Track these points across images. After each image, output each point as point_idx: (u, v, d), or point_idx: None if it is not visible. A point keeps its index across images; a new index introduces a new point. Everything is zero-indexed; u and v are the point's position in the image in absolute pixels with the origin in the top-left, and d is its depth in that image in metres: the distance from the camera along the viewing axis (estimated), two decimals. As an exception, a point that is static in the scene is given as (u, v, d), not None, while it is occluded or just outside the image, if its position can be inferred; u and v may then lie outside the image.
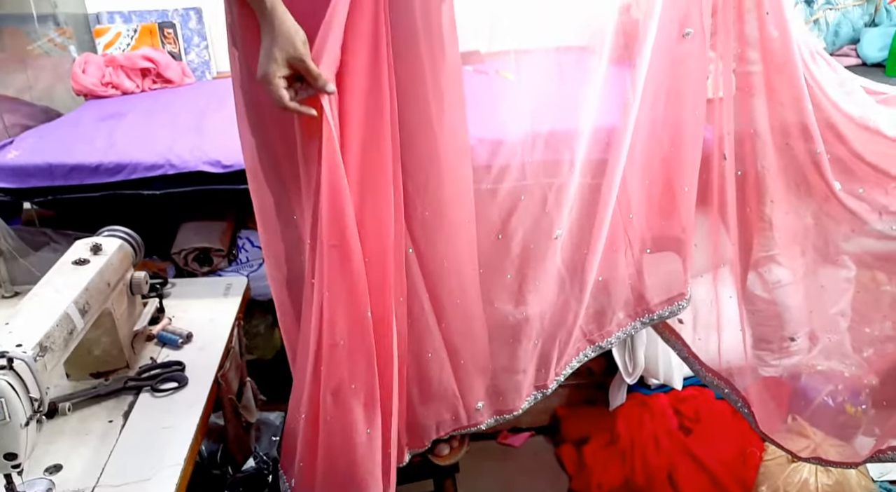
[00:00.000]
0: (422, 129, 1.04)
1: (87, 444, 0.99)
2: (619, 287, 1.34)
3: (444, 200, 1.10)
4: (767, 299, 1.37)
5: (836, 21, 1.96)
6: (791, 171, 1.27)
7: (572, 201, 1.22)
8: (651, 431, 1.86)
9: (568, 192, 1.21)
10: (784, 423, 1.51)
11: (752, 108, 1.23)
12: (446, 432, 1.29)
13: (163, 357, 1.19)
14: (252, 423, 1.35)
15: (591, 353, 1.38)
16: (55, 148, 1.56)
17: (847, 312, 1.42)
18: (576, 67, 1.19)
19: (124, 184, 1.50)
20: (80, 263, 1.08)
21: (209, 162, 1.48)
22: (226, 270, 1.67)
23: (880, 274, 1.38)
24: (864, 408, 1.47)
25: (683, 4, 1.14)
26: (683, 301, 1.35)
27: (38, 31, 2.00)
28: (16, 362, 0.83)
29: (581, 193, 1.22)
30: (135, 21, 2.23)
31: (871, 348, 1.44)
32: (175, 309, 1.31)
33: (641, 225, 1.30)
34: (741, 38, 1.19)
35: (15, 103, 1.84)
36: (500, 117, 1.22)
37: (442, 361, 1.21)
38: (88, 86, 2.01)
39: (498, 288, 1.24)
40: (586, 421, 2.00)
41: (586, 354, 1.38)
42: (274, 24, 0.88)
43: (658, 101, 1.21)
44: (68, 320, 0.95)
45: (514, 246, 1.22)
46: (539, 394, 1.33)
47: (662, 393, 1.95)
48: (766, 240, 1.32)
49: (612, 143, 1.20)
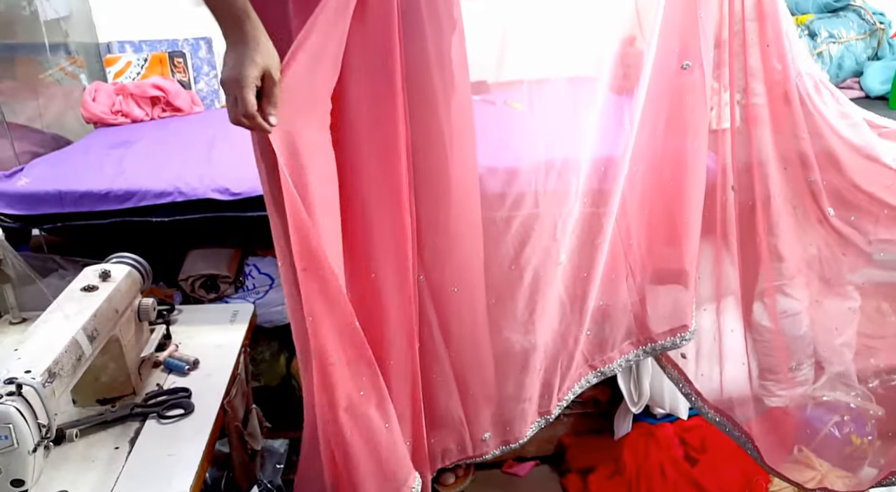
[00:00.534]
0: (433, 157, 1.06)
1: (93, 470, 0.98)
2: (620, 313, 1.34)
3: (455, 229, 1.11)
4: (773, 329, 1.37)
5: (840, 54, 1.99)
6: (792, 199, 1.28)
7: (575, 228, 1.23)
8: (657, 460, 1.85)
9: (572, 219, 1.22)
10: (790, 454, 1.50)
11: (757, 139, 1.25)
12: (451, 462, 1.29)
13: (169, 384, 1.19)
14: (257, 450, 1.35)
15: (592, 379, 1.38)
16: (65, 175, 1.58)
17: (852, 342, 1.42)
18: (583, 97, 1.21)
19: (133, 211, 1.51)
20: (89, 289, 1.09)
21: (218, 189, 1.49)
22: (232, 297, 1.67)
23: (885, 304, 1.39)
24: (871, 439, 1.47)
25: (682, 37, 1.17)
26: (687, 333, 1.35)
27: (50, 60, 2.03)
28: (25, 389, 0.83)
29: (582, 220, 1.24)
30: (145, 50, 2.26)
31: (876, 379, 1.44)
32: (182, 335, 1.31)
33: (642, 252, 1.31)
34: (746, 70, 1.22)
35: (26, 131, 1.86)
36: (511, 147, 1.24)
37: (450, 389, 1.21)
38: (98, 114, 2.03)
39: (508, 317, 1.25)
40: (592, 450, 1.98)
41: (588, 380, 1.38)
42: (254, 33, 0.85)
43: (657, 130, 1.23)
44: (77, 347, 0.96)
45: (527, 276, 1.23)
46: (542, 420, 1.33)
47: (668, 423, 1.94)
48: (773, 270, 1.32)
49: (613, 170, 1.21)
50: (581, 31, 1.21)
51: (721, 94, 1.25)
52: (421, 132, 1.03)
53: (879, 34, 2.02)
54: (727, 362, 1.41)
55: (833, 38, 1.99)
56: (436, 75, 1.01)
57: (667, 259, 1.31)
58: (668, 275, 1.32)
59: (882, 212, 1.25)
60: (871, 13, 2.03)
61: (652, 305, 1.35)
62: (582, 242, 1.25)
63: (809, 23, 2.03)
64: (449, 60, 1.03)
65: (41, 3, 1.94)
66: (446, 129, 1.05)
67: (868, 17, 2.03)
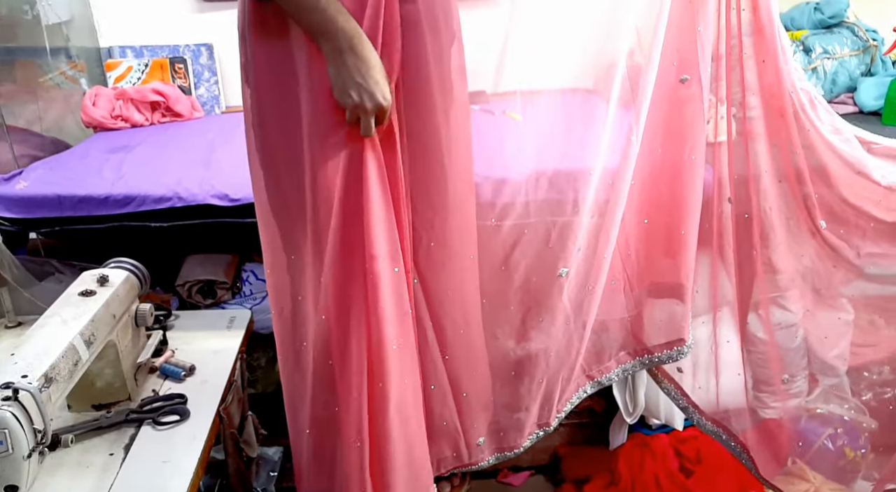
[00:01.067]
0: (430, 164, 1.07)
1: (87, 477, 0.98)
2: (618, 324, 1.35)
3: (450, 233, 1.12)
4: (768, 341, 1.37)
5: (834, 70, 2.01)
6: (786, 211, 1.29)
7: (580, 241, 1.23)
8: (652, 471, 1.85)
9: (574, 231, 1.22)
10: (783, 466, 1.51)
11: (753, 152, 1.26)
12: (447, 470, 1.29)
13: (165, 390, 1.19)
14: (253, 457, 1.35)
15: (589, 389, 1.39)
16: (64, 179, 1.58)
17: (846, 355, 1.43)
18: (580, 109, 1.22)
19: (132, 216, 1.52)
20: (87, 294, 1.09)
21: (217, 195, 1.50)
22: (229, 303, 1.68)
23: (878, 317, 1.39)
24: (864, 452, 1.47)
25: (681, 51, 1.18)
26: (684, 347, 1.35)
27: (51, 64, 2.04)
28: (21, 394, 0.83)
29: (588, 233, 1.24)
30: (146, 56, 2.27)
31: (869, 392, 1.44)
32: (178, 341, 1.31)
33: (640, 262, 1.32)
34: (742, 84, 1.23)
35: (25, 134, 1.86)
36: (506, 156, 1.25)
37: (444, 394, 1.21)
38: (98, 118, 2.04)
39: (500, 320, 1.25)
40: (587, 461, 1.98)
41: (585, 390, 1.38)
42: (372, 49, 0.91)
43: (655, 143, 1.24)
44: (74, 352, 0.96)
45: (517, 278, 1.24)
46: (541, 432, 1.33)
47: (663, 433, 1.94)
48: (768, 282, 1.33)
49: (615, 183, 1.22)
50: (579, 44, 1.23)
51: (717, 107, 1.27)
52: (419, 141, 1.04)
53: (872, 51, 2.04)
54: (723, 373, 1.41)
55: (827, 53, 2.01)
56: (435, 86, 1.02)
57: (664, 272, 1.31)
58: (666, 288, 1.33)
59: (869, 225, 1.27)
60: (864, 30, 2.06)
61: (649, 318, 1.36)
62: (587, 256, 1.25)
63: (804, 38, 2.06)
64: (448, 72, 1.04)
65: (43, 8, 1.94)
66: (444, 138, 1.06)
67: (861, 34, 2.05)
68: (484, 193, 1.20)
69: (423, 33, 0.98)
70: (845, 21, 2.07)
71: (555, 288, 1.24)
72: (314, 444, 1.14)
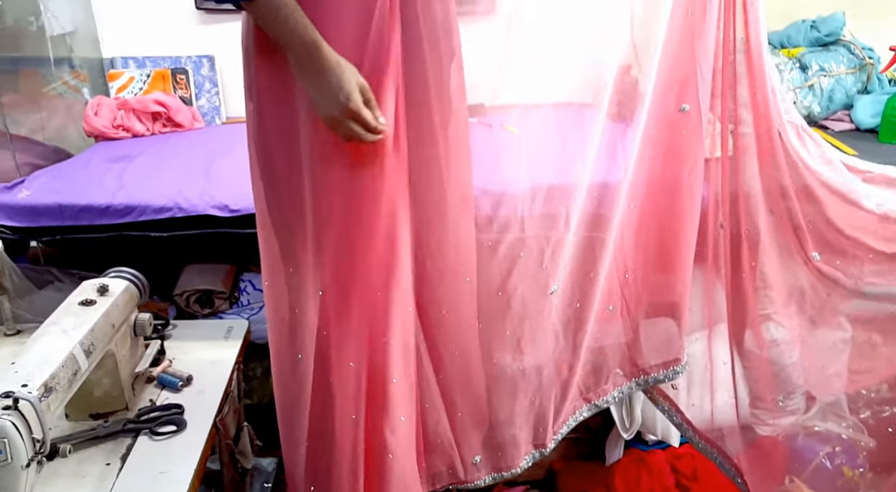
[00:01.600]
0: (429, 181, 1.07)
1: (84, 487, 0.98)
2: (615, 346, 1.35)
3: (446, 251, 1.12)
4: (763, 358, 1.38)
5: (830, 87, 2.03)
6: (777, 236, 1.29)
7: (567, 257, 1.24)
8: (648, 488, 1.84)
9: (563, 247, 1.23)
10: (781, 485, 1.50)
11: (746, 169, 1.26)
12: (442, 486, 1.28)
13: (162, 399, 1.19)
14: (248, 469, 1.34)
15: (586, 412, 1.38)
16: (66, 188, 1.59)
17: (843, 373, 1.42)
18: (576, 123, 1.22)
19: (132, 225, 1.52)
20: (87, 303, 1.09)
21: (217, 206, 1.50)
22: (227, 313, 1.68)
23: (876, 335, 1.39)
24: (862, 471, 1.47)
25: (681, 74, 1.18)
26: (679, 367, 1.36)
27: (54, 74, 2.05)
28: (21, 403, 0.83)
29: (576, 248, 1.24)
30: (148, 66, 2.29)
31: (867, 410, 1.44)
32: (176, 351, 1.31)
33: (638, 285, 1.32)
34: (736, 100, 1.24)
35: (27, 143, 1.87)
36: (503, 170, 1.25)
37: (438, 413, 1.21)
38: (100, 128, 2.05)
39: (496, 343, 1.25)
40: (583, 476, 1.98)
41: (582, 413, 1.38)
42: (332, 56, 0.90)
43: (655, 161, 1.24)
44: (73, 361, 0.96)
45: (515, 303, 1.23)
46: (537, 453, 1.33)
47: (660, 449, 1.93)
48: (763, 299, 1.33)
49: (608, 198, 1.22)
50: (577, 58, 1.23)
51: (715, 123, 1.27)
52: (418, 157, 1.05)
53: (869, 69, 2.06)
54: (718, 391, 1.41)
55: (824, 71, 2.03)
56: (434, 103, 1.03)
57: (661, 290, 1.32)
58: (662, 308, 1.33)
59: (867, 256, 1.26)
60: (860, 48, 2.07)
61: (645, 338, 1.36)
62: (574, 273, 1.25)
63: (801, 56, 2.07)
64: (447, 88, 1.05)
65: (48, 19, 1.96)
66: (443, 154, 1.07)
67: (857, 52, 2.07)
68: (481, 207, 1.21)
69: (423, 51, 0.99)
70: (841, 39, 2.09)
71: (546, 307, 1.24)
72: (309, 457, 1.14)
